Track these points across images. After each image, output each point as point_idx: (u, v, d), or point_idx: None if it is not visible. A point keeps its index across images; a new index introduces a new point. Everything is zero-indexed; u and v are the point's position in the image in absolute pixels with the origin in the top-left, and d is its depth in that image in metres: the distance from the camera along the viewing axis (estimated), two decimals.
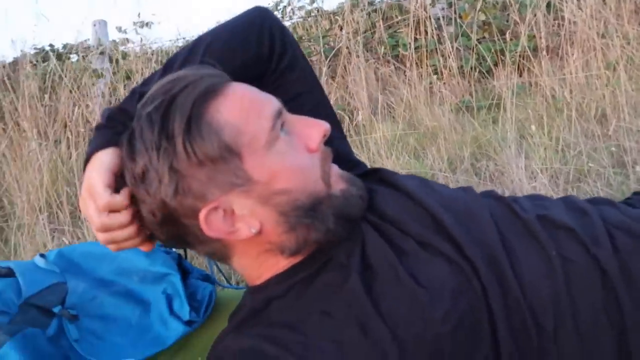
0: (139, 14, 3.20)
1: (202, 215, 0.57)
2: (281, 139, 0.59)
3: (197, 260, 1.45)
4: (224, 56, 0.69)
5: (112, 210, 0.58)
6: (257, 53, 0.71)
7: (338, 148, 0.75)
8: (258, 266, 0.65)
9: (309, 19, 3.65)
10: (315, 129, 0.62)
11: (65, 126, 2.60)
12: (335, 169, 0.64)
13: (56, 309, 0.70)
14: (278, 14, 3.82)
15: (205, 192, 0.57)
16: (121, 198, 0.59)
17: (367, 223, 0.64)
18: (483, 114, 2.53)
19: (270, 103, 0.61)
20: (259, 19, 0.72)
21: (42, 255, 0.77)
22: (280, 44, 0.72)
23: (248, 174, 0.57)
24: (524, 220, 0.60)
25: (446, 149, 2.28)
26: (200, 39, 0.73)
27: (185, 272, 0.86)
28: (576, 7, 2.87)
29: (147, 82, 0.69)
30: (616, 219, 0.59)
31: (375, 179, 0.73)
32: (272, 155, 0.58)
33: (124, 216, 0.59)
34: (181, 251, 0.95)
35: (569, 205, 0.64)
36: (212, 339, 0.66)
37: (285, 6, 3.83)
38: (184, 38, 3.43)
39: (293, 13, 3.75)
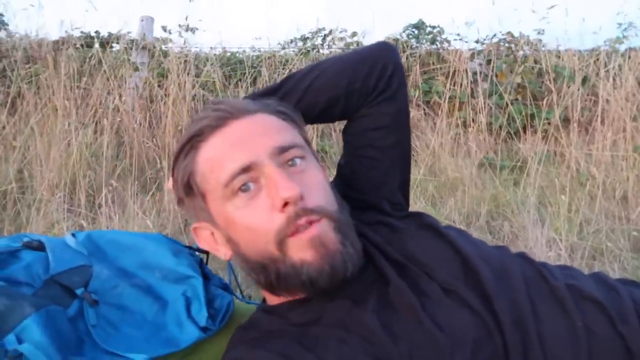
0: (187, 17, 3.28)
1: (192, 227, 0.69)
2: (240, 195, 0.61)
3: (214, 267, 1.45)
4: (333, 82, 0.75)
5: None
6: (364, 83, 0.76)
7: (391, 190, 0.79)
8: (261, 288, 0.68)
9: (348, 51, 3.71)
10: (279, 192, 0.58)
11: (96, 112, 2.65)
12: (310, 233, 0.59)
13: (79, 291, 0.70)
14: (318, 40, 3.90)
15: (194, 214, 0.68)
16: None
17: (391, 263, 0.65)
18: (505, 174, 2.54)
19: (245, 155, 0.61)
20: (377, 54, 0.77)
21: (73, 235, 0.78)
22: (387, 80, 0.77)
23: (211, 214, 0.65)
24: (553, 286, 0.61)
25: (464, 202, 2.28)
26: (320, 62, 0.79)
27: (205, 277, 0.86)
28: (612, 87, 2.91)
29: (287, 79, 0.78)
30: None
31: (417, 222, 0.74)
32: (228, 207, 0.62)
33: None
34: (203, 256, 0.95)
35: (598, 280, 0.64)
36: (222, 350, 0.66)
37: (326, 34, 3.90)
38: (223, 47, 3.55)
39: (333, 42, 3.82)
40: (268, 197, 0.60)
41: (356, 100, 0.76)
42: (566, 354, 0.54)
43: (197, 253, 0.90)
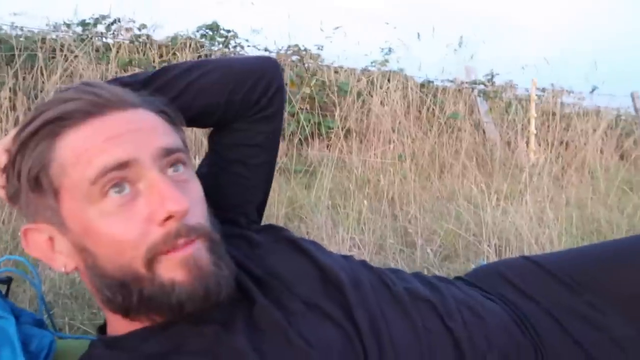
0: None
1: (21, 231, 0.57)
2: (111, 197, 0.52)
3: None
4: (214, 88, 0.70)
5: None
6: (244, 97, 0.71)
7: (250, 207, 0.77)
8: (104, 309, 0.59)
9: (136, 43, 3.47)
10: (165, 204, 0.52)
11: None
12: (185, 252, 0.54)
13: None
14: (101, 28, 3.54)
15: (28, 213, 0.57)
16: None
17: (253, 281, 0.64)
18: (298, 178, 2.74)
19: (123, 151, 0.53)
20: (264, 69, 0.74)
21: None
22: (270, 98, 0.73)
23: (62, 217, 0.54)
24: (393, 291, 0.67)
25: None
26: (205, 62, 0.72)
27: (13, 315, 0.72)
28: (380, 103, 3.41)
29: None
30: (460, 297, 0.71)
31: (274, 236, 0.73)
32: (91, 211, 0.52)
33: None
34: (2, 286, 0.80)
35: (422, 280, 0.74)
36: None
37: (111, 23, 3.57)
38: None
39: (119, 32, 3.51)
40: (147, 206, 0.53)
41: (234, 112, 0.72)
42: (413, 352, 0.61)
43: None
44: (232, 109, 0.72)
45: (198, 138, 2.64)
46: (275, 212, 2.35)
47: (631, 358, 0.65)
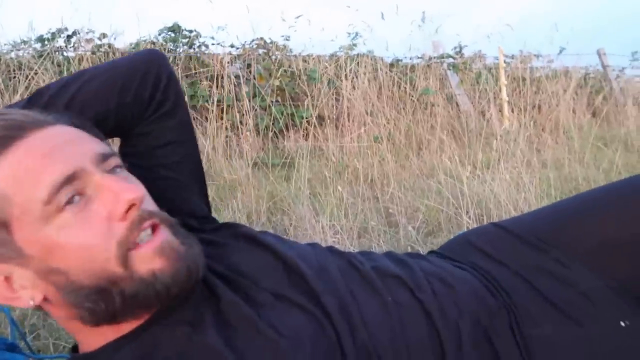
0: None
1: None
2: (66, 210, 0.52)
3: None
4: (99, 95, 0.66)
5: None
6: (136, 97, 0.69)
7: (194, 204, 0.76)
8: (76, 330, 0.59)
9: (98, 54, 3.41)
10: (122, 196, 0.53)
11: None
12: (156, 241, 0.55)
13: None
14: (60, 42, 3.47)
15: None
16: None
17: (219, 278, 0.65)
18: (277, 171, 2.73)
19: (64, 164, 0.53)
20: (148, 63, 0.70)
21: None
22: (163, 91, 0.71)
23: (18, 247, 0.53)
24: (362, 272, 0.69)
25: (244, 203, 2.37)
26: (82, 72, 0.68)
27: None
28: (351, 87, 3.40)
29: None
30: (430, 269, 0.72)
31: (231, 233, 0.73)
32: (49, 229, 0.52)
33: None
34: None
35: (392, 258, 0.76)
36: None
37: (69, 35, 3.49)
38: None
39: (80, 44, 3.44)
40: (103, 206, 0.53)
41: (130, 116, 0.70)
42: (385, 328, 0.62)
43: None
44: (126, 112, 0.69)
45: None
46: (256, 207, 2.35)
47: (600, 309, 0.66)
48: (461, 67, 4.25)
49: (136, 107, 0.69)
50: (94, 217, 0.53)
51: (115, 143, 0.78)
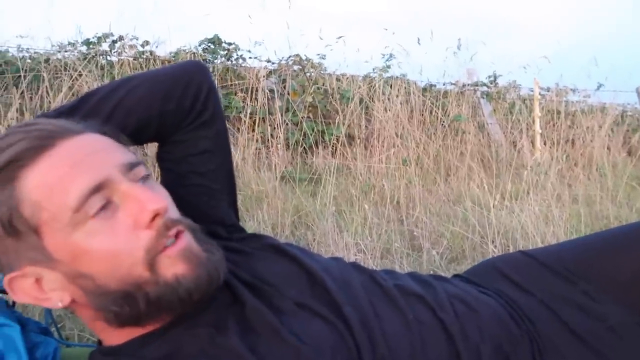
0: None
1: (5, 281, 0.56)
2: (94, 217, 0.54)
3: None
4: (143, 102, 0.69)
5: None
6: (178, 106, 0.71)
7: (223, 212, 0.77)
8: (101, 329, 0.61)
9: (140, 60, 3.52)
10: (147, 205, 0.55)
11: None
12: (179, 246, 0.57)
13: None
14: (104, 46, 3.61)
15: (9, 262, 0.56)
16: None
17: (244, 285, 0.66)
18: (304, 186, 2.75)
19: (94, 173, 0.55)
20: (190, 74, 0.73)
21: None
22: (203, 102, 0.73)
23: (48, 251, 0.55)
24: (384, 288, 0.69)
25: (270, 214, 2.40)
26: (129, 78, 0.71)
27: (20, 323, 0.74)
28: (383, 109, 3.42)
29: (63, 109, 0.68)
30: (453, 291, 0.72)
31: (258, 243, 0.75)
32: (78, 235, 0.54)
33: None
34: (9, 297, 0.81)
35: (415, 278, 0.77)
36: None
37: (114, 41, 3.63)
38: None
39: (123, 50, 3.57)
40: (128, 215, 0.55)
41: (170, 123, 0.72)
42: (405, 344, 0.63)
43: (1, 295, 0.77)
44: (167, 120, 0.72)
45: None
46: (281, 220, 2.37)
47: (627, 344, 0.65)
48: (495, 96, 4.22)
49: (177, 115, 0.72)
50: (120, 225, 0.55)
51: (151, 147, 0.81)
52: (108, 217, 0.55)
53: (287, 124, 3.15)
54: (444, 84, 4.11)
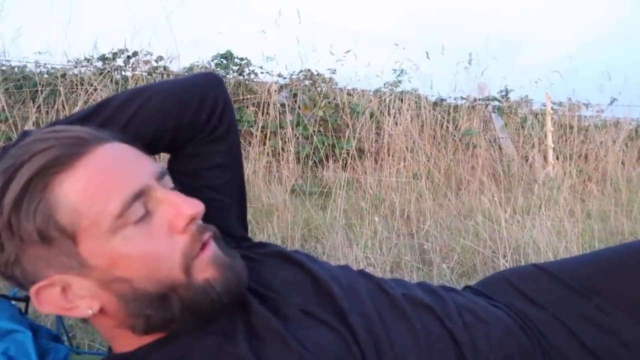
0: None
1: (32, 291, 0.55)
2: (132, 223, 0.54)
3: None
4: (159, 114, 0.69)
5: None
6: (193, 119, 0.71)
7: (232, 226, 0.77)
8: (117, 336, 0.61)
9: (154, 75, 3.58)
10: (183, 210, 0.56)
11: None
12: (209, 252, 0.58)
13: None
14: (119, 62, 3.68)
15: (36, 271, 0.55)
16: None
17: (251, 292, 0.66)
18: (314, 199, 2.76)
19: (132, 181, 0.56)
20: (206, 87, 0.72)
21: None
22: (219, 116, 0.73)
23: (83, 257, 0.54)
24: (392, 297, 0.69)
25: (280, 227, 2.40)
26: (143, 89, 0.71)
27: (32, 330, 0.74)
28: (393, 123, 3.43)
29: (79, 116, 0.68)
30: (463, 302, 0.72)
31: (265, 250, 0.75)
32: (116, 241, 0.54)
33: None
34: (22, 305, 0.82)
35: (424, 288, 0.76)
36: None
37: (129, 56, 3.70)
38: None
39: (138, 65, 3.64)
40: (164, 219, 0.56)
41: (184, 136, 0.72)
42: (412, 353, 0.62)
43: (13, 303, 0.78)
44: (181, 132, 0.71)
45: None
46: (291, 233, 2.37)
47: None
48: (506, 110, 4.21)
49: (191, 129, 0.72)
50: (157, 229, 0.56)
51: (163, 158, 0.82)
52: (145, 223, 0.55)
53: (297, 138, 3.16)
54: (454, 99, 4.12)
